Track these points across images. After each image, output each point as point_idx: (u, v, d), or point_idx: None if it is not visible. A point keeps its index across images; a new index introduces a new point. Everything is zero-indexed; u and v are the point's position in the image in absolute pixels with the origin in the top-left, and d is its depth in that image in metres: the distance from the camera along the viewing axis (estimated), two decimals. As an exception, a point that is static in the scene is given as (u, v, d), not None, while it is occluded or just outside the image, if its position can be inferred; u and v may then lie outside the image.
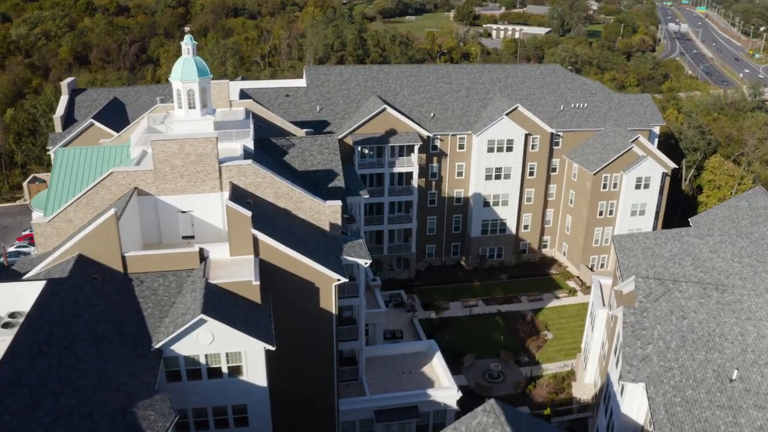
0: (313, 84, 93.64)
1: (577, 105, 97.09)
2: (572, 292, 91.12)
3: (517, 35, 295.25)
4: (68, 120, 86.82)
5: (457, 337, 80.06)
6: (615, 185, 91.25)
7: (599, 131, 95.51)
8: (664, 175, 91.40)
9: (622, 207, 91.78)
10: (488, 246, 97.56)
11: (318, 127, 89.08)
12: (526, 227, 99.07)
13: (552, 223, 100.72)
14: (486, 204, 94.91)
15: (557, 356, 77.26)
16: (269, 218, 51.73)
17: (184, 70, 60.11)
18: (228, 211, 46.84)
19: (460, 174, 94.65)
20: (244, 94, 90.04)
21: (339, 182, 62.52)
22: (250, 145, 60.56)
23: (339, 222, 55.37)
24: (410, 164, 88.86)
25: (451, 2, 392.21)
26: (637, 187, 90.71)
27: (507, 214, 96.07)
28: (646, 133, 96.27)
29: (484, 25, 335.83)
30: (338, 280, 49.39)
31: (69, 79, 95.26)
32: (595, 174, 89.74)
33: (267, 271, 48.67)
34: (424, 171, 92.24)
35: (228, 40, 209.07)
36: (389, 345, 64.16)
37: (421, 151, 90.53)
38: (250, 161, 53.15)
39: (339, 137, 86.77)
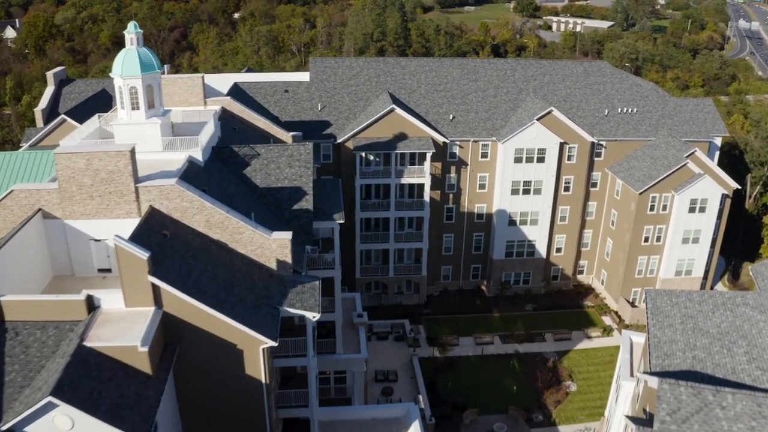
0: (317, 78, 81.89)
1: (626, 110, 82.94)
2: (607, 332, 77.35)
3: (578, 28, 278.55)
4: (52, 114, 77.12)
5: (461, 383, 67.57)
6: (664, 207, 77.05)
7: (649, 142, 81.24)
8: (724, 196, 76.75)
9: (671, 233, 77.58)
10: (513, 270, 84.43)
11: (318, 128, 77.41)
12: (558, 250, 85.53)
13: (590, 247, 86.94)
14: (512, 222, 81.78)
15: (579, 415, 64.09)
16: (190, 256, 40.35)
17: (125, 64, 49.61)
18: (117, 251, 35.56)
19: (482, 187, 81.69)
20: (237, 88, 79.16)
21: (306, 203, 50.89)
22: (199, 155, 49.46)
23: (288, 259, 43.62)
24: (422, 174, 76.37)
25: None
26: (691, 210, 76.36)
27: (536, 234, 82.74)
28: (706, 145, 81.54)
29: (544, 17, 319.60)
30: (267, 343, 37.68)
31: (57, 69, 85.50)
32: (641, 193, 75.74)
33: (175, 327, 37.61)
34: (439, 182, 79.64)
35: (262, 28, 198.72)
36: (356, 408, 52.07)
37: (436, 159, 77.97)
38: (174, 181, 41.83)
39: (339, 141, 74.96)
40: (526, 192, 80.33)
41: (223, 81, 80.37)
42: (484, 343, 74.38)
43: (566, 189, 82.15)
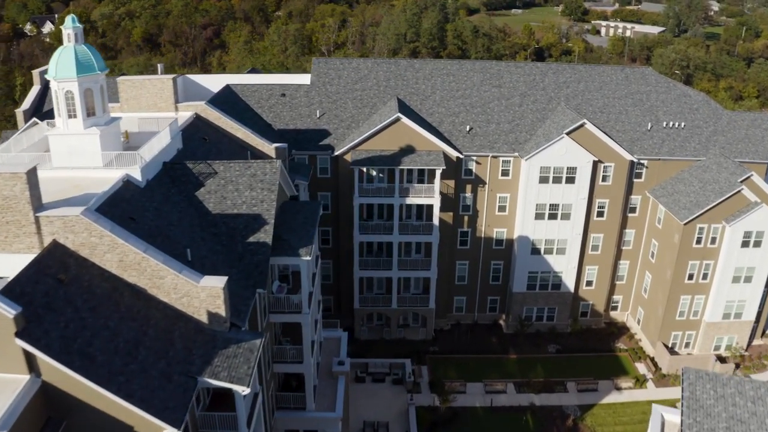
0: (319, 81, 72.74)
1: (672, 124, 71.93)
2: (640, 383, 66.55)
3: (627, 33, 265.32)
4: (35, 115, 69.45)
5: (464, 444, 57.80)
6: (713, 240, 66.03)
7: (698, 162, 70.17)
8: (786, 230, 65.43)
9: (721, 270, 66.50)
10: (535, 305, 74.09)
11: (314, 138, 68.27)
12: (589, 284, 74.89)
13: (626, 280, 76.09)
14: (535, 251, 71.51)
15: (603, 491, 53.85)
16: (89, 308, 31.50)
17: (60, 64, 41.82)
18: (-34, 306, 26.81)
19: (502, 209, 71.55)
20: (229, 91, 70.61)
21: (265, 235, 41.77)
22: (137, 174, 40.70)
23: (222, 310, 34.48)
24: (430, 194, 66.63)
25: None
26: (745, 244, 65.24)
27: (564, 265, 72.28)
28: (763, 167, 70.22)
29: (592, 21, 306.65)
30: (166, 429, 28.59)
31: (44, 68, 77.62)
32: (686, 223, 64.87)
33: (60, 398, 29.03)
34: (452, 203, 69.78)
35: (291, 26, 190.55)
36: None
37: (449, 176, 68.21)
38: (79, 211, 33.01)
39: (337, 153, 65.73)
40: (553, 217, 69.98)
41: (221, 82, 72.03)
42: (495, 391, 64.28)
43: (599, 214, 71.53)
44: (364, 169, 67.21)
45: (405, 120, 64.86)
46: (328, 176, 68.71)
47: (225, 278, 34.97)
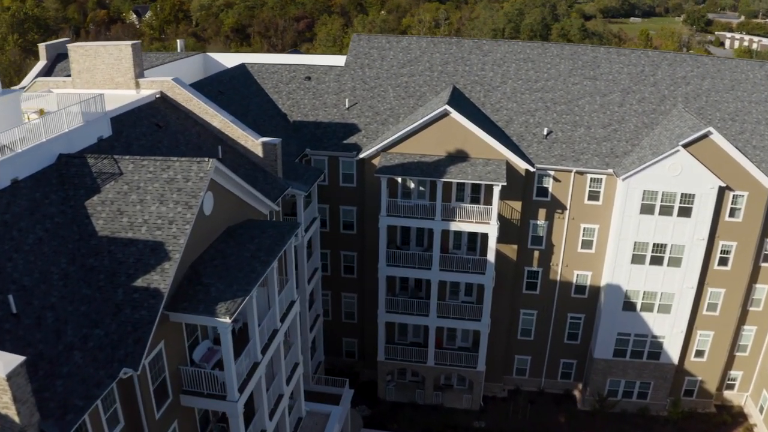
0: (356, 62, 56.23)
1: (834, 143, 51.30)
2: None
3: (754, 46, 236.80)
4: None
5: None
6: None
7: None
8: None
9: None
10: (624, 377, 54.80)
11: (338, 134, 51.86)
12: (699, 354, 54.88)
13: (749, 352, 55.48)
14: (629, 305, 52.30)
15: None
16: None
17: None
18: None
19: (587, 245, 52.77)
20: (242, 70, 55.69)
21: (161, 277, 25.50)
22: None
23: (12, 412, 18.09)
24: (486, 218, 48.73)
25: (684, 7, 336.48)
26: None
27: (667, 327, 52.75)
28: None
29: (716, 33, 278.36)
30: None
31: (59, 40, 63.59)
32: None
33: None
34: (517, 232, 51.66)
35: (377, 18, 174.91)
36: None
37: (514, 195, 50.25)
38: None
39: (362, 155, 49.01)
40: (657, 261, 50.67)
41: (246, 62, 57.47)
42: (555, 503, 45.90)
43: (722, 261, 51.55)
44: (399, 180, 50.17)
45: (455, 115, 47.27)
46: (353, 185, 52.07)
47: (19, 359, 18.91)
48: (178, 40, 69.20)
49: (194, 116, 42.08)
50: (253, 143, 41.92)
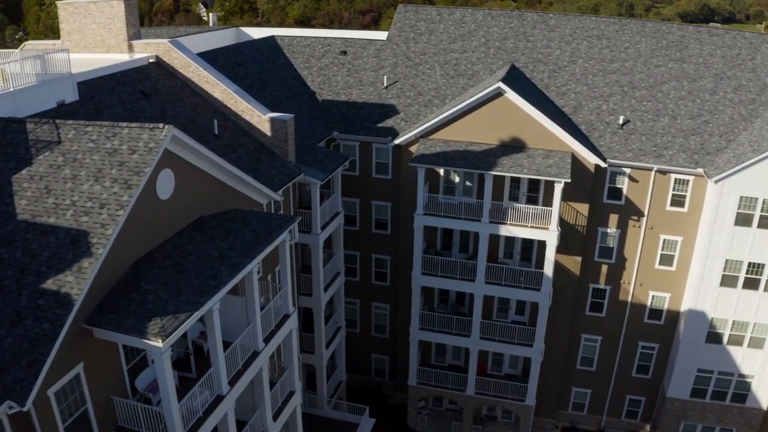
0: (401, 37, 48.32)
1: None
2: None
3: None
4: None
5: None
6: None
7: None
8: None
9: None
10: (701, 421, 45.22)
11: (373, 116, 44.06)
12: (801, 399, 45.13)
13: None
14: (714, 336, 42.84)
15: None
16: None
17: None
18: None
19: (666, 261, 43.53)
20: (271, 42, 48.59)
21: (75, 279, 17.72)
22: None
23: None
24: (544, 222, 40.15)
25: (766, 14, 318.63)
26: None
27: (758, 364, 43.11)
28: None
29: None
30: None
31: None
32: None
33: None
34: (582, 241, 42.85)
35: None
36: None
37: (580, 196, 41.51)
38: None
39: (398, 141, 41.10)
40: (752, 284, 41.18)
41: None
42: None
43: (838, 288, 41.77)
44: (441, 172, 42.03)
45: (511, 95, 38.85)
46: (388, 177, 44.15)
47: None
48: (210, 14, 62.71)
49: (193, 85, 34.90)
50: (260, 119, 34.45)
